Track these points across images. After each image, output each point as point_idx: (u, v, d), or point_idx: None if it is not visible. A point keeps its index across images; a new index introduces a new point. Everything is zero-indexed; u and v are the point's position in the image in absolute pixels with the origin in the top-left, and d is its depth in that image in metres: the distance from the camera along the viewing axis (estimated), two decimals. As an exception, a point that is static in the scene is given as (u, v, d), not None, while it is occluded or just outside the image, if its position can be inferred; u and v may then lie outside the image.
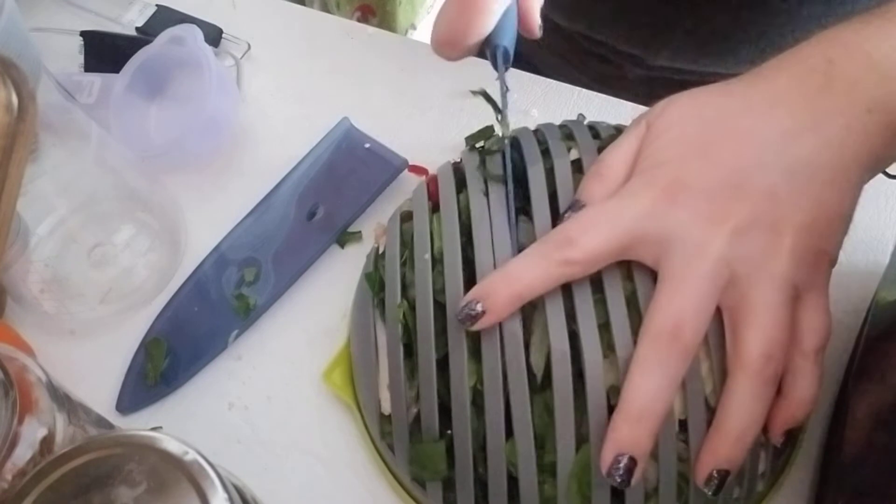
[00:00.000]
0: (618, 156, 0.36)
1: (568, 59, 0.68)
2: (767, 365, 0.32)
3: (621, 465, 0.31)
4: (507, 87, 0.39)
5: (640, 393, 0.32)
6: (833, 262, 0.34)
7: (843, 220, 0.33)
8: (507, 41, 0.39)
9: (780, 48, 0.35)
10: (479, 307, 0.33)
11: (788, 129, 0.33)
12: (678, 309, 0.32)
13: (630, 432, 0.32)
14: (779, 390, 0.33)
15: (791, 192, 0.32)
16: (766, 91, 0.34)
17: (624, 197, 0.34)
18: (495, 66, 0.39)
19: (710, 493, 0.32)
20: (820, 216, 0.33)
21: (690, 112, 0.35)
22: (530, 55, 0.67)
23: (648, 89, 0.64)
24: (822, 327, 0.33)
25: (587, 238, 0.33)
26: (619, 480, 0.32)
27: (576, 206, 0.35)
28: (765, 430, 0.34)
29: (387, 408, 0.39)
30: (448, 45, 0.37)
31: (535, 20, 0.41)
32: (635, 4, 0.59)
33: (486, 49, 0.39)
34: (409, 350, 0.38)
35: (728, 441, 0.32)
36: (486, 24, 0.37)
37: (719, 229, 0.32)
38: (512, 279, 0.33)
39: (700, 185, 0.33)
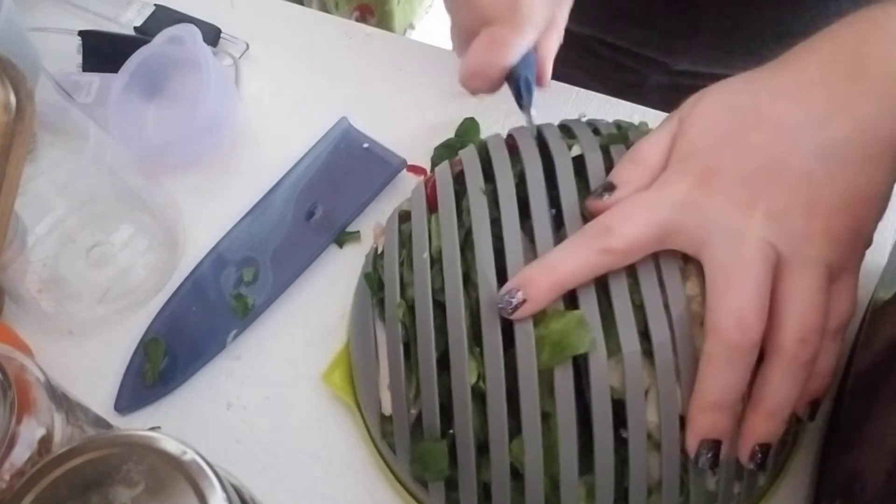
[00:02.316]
0: (652, 146, 0.36)
1: (587, 70, 0.68)
2: (804, 349, 0.32)
3: (707, 448, 0.33)
4: (532, 116, 0.42)
5: (714, 387, 0.32)
6: (868, 243, 0.35)
7: (878, 201, 0.34)
8: (529, 72, 0.42)
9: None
10: (519, 295, 0.34)
11: (820, 112, 0.33)
12: (737, 302, 0.32)
13: (708, 419, 0.33)
14: None
15: (826, 175, 0.33)
16: (796, 76, 0.35)
17: (660, 187, 0.34)
18: (518, 98, 0.42)
19: (755, 467, 0.33)
20: (855, 198, 0.33)
21: (720, 102, 0.36)
22: None
23: (667, 98, 0.64)
24: (848, 308, 0.34)
25: (626, 227, 0.33)
26: (706, 463, 0.33)
27: (608, 187, 0.36)
28: None
29: (387, 408, 0.39)
30: (476, 77, 0.41)
31: (548, 70, 0.44)
32: (660, 6, 0.59)
33: (509, 82, 0.42)
34: (409, 350, 0.38)
35: (764, 418, 0.33)
36: (511, 57, 0.40)
37: (754, 213, 0.33)
38: (552, 268, 0.34)
39: (734, 171, 0.33)
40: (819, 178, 0.33)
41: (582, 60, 0.67)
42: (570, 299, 0.34)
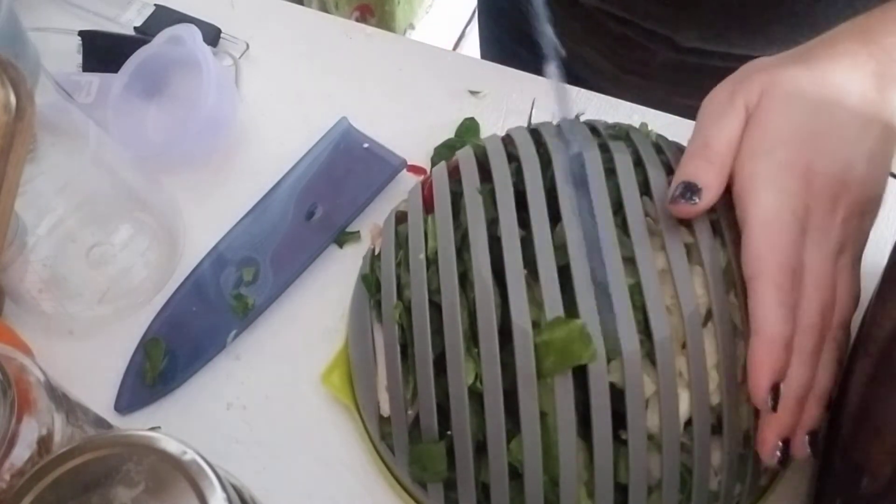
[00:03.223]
0: (721, 138, 0.36)
1: (595, 46, 0.68)
2: (844, 334, 0.35)
3: (780, 446, 0.33)
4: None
5: (795, 381, 0.33)
6: None
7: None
8: None
9: (811, 23, 0.36)
10: None
11: (864, 115, 0.35)
12: (813, 301, 0.34)
13: (787, 418, 0.33)
14: None
15: (871, 177, 0.35)
16: (840, 71, 0.36)
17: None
18: None
19: (811, 455, 0.34)
20: (881, 198, 0.36)
21: (790, 94, 0.36)
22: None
23: (675, 76, 0.63)
24: (856, 298, 0.36)
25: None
26: (778, 458, 0.34)
27: (693, 189, 0.35)
28: None
29: (386, 409, 0.39)
30: None
31: None
32: None
33: None
34: (406, 351, 0.38)
35: (817, 402, 0.34)
36: None
37: (836, 217, 0.35)
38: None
39: (825, 173, 0.34)
40: (870, 180, 0.35)
41: (589, 36, 0.67)
42: (570, 305, 0.34)
